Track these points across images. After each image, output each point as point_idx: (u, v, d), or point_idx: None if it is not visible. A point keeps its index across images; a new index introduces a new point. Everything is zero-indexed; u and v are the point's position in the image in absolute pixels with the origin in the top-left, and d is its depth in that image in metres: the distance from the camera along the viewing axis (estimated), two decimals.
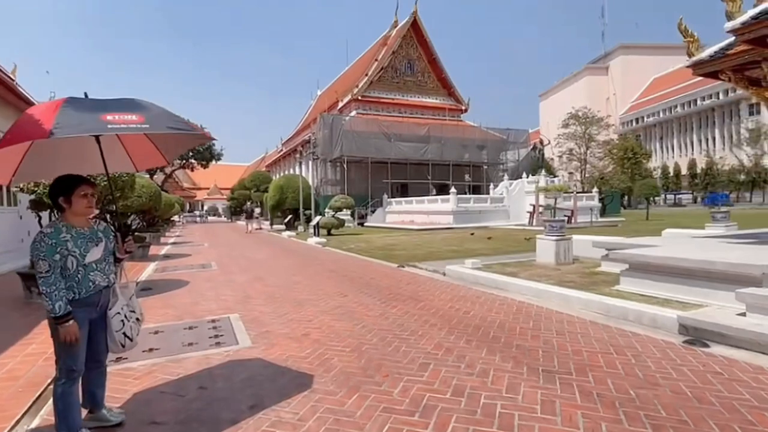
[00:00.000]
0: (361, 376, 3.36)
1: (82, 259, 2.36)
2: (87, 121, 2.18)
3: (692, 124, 75.01)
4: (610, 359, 3.61)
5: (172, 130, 2.43)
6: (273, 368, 3.59)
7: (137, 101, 2.50)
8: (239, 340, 4.39)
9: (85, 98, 2.41)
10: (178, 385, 3.30)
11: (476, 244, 14.25)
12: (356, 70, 46.45)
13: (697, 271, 4.94)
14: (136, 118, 2.28)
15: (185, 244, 18.11)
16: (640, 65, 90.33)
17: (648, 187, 30.83)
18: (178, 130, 2.45)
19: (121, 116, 2.24)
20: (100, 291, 2.45)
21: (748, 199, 58.16)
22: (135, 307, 2.67)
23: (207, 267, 10.50)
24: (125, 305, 2.57)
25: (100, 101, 2.40)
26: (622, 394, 2.94)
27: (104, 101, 2.40)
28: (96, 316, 2.47)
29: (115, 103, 2.38)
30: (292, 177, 31.47)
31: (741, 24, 5.32)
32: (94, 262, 2.42)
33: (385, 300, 6.17)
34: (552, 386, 3.08)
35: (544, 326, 4.64)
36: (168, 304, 6.28)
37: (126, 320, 2.54)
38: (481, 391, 3.03)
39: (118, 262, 2.65)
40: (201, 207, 75.46)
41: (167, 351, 4.10)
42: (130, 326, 2.56)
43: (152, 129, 2.36)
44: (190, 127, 2.59)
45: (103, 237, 2.52)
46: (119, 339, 2.51)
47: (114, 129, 2.24)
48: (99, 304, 2.47)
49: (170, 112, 2.53)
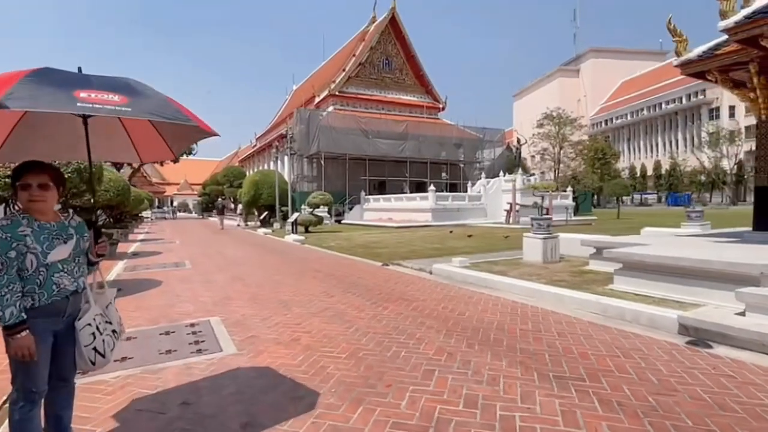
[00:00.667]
0: (363, 386, 3.10)
1: (43, 257, 1.97)
2: (52, 95, 1.81)
3: (657, 126, 77.80)
4: (619, 363, 3.48)
5: (159, 117, 2.05)
6: (264, 378, 3.27)
7: (130, 82, 2.13)
8: (223, 347, 4.03)
9: (65, 71, 2.03)
10: (157, 400, 2.94)
11: (457, 242, 14.17)
12: (333, 65, 45.80)
13: (694, 270, 4.91)
14: (118, 99, 1.91)
15: (155, 242, 17.29)
16: (609, 68, 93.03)
17: (619, 186, 31.73)
18: (168, 119, 2.07)
19: (99, 95, 1.87)
20: (66, 297, 2.07)
21: (708, 199, 60.87)
22: (112, 317, 2.28)
23: (181, 266, 9.96)
24: (99, 315, 2.19)
25: (83, 76, 2.03)
26: (642, 401, 2.78)
27: (88, 77, 2.02)
28: (62, 327, 2.08)
29: (102, 80, 2.01)
30: (268, 173, 30.68)
31: (734, 23, 5.32)
32: (60, 262, 2.04)
33: (375, 301, 5.91)
34: (568, 394, 2.90)
35: (543, 327, 4.49)
36: (140, 306, 5.82)
37: (98, 333, 2.15)
38: (495, 401, 2.82)
39: (92, 264, 2.28)
40: (171, 203, 72.97)
41: (142, 360, 3.72)
42: (103, 340, 2.17)
43: (134, 114, 1.98)
44: (185, 117, 2.13)
45: (75, 234, 2.13)
46: (88, 355, 2.11)
47: (84, 108, 1.86)
48: (65, 312, 2.08)
49: (167, 98, 2.17)
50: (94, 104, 1.85)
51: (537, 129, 46.16)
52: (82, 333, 2.09)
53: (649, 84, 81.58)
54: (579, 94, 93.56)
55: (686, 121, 72.70)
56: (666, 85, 76.41)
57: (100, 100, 1.87)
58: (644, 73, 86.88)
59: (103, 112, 1.92)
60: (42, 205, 2.04)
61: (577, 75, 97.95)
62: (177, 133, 2.66)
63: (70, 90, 1.83)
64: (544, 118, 45.87)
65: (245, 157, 60.35)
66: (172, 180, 77.50)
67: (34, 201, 2.01)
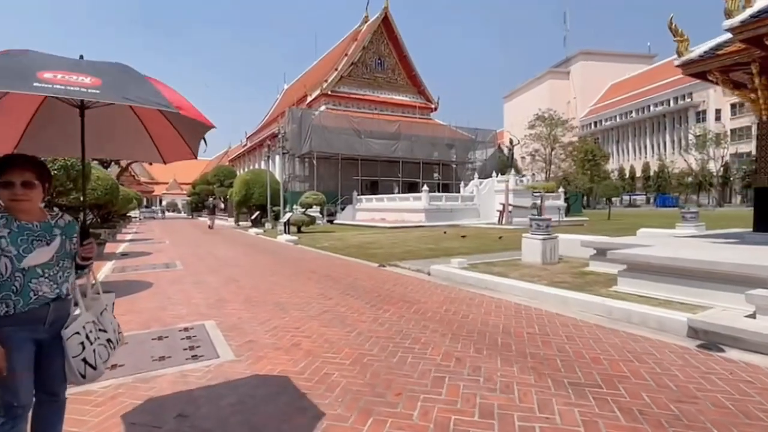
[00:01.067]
0: (370, 395, 2.94)
1: (18, 261, 1.78)
2: (10, 73, 1.62)
3: (646, 128, 78.81)
4: (634, 368, 3.37)
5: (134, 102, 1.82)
6: (265, 387, 3.10)
7: (122, 67, 1.95)
8: (220, 353, 3.84)
9: (50, 55, 1.84)
10: (151, 412, 2.75)
11: (452, 242, 14.07)
12: (325, 65, 45.52)
13: (700, 271, 4.84)
14: (90, 81, 1.70)
15: (144, 242, 16.91)
16: (599, 71, 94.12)
17: (610, 187, 31.99)
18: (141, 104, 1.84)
19: (66, 75, 1.66)
20: (47, 304, 1.88)
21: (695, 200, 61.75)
22: (107, 325, 2.10)
23: (171, 266, 9.69)
24: (90, 323, 2.00)
25: (58, 59, 1.84)
26: (664, 410, 2.67)
27: (79, 61, 1.84)
28: (46, 337, 1.89)
29: (90, 64, 1.83)
30: (259, 172, 30.34)
31: (740, 22, 5.27)
32: (40, 266, 1.85)
33: (375, 303, 5.75)
34: (586, 402, 2.78)
35: (550, 331, 4.37)
36: (131, 309, 5.59)
37: (89, 343, 1.95)
38: (512, 410, 2.68)
39: (81, 269, 2.08)
40: (159, 202, 71.96)
41: (134, 367, 3.51)
42: (94, 350, 1.97)
43: (101, 96, 1.73)
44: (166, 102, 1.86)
45: (60, 235, 1.94)
46: (77, 367, 1.91)
47: (40, 89, 1.61)
48: (47, 320, 1.89)
49: (153, 83, 1.95)
50: (55, 85, 1.64)
51: (529, 130, 46.40)
52: (69, 343, 1.90)
53: (638, 87, 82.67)
54: (569, 96, 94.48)
55: (674, 123, 73.75)
56: (654, 88, 77.51)
57: (65, 82, 1.66)
58: (633, 76, 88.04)
59: (62, 93, 1.69)
60: (26, 204, 1.85)
61: (567, 77, 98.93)
62: (189, 128, 2.45)
63: (35, 70, 1.64)
64: (536, 119, 46.11)
65: (236, 157, 59.73)
66: (160, 179, 76.50)
67: (17, 201, 1.83)
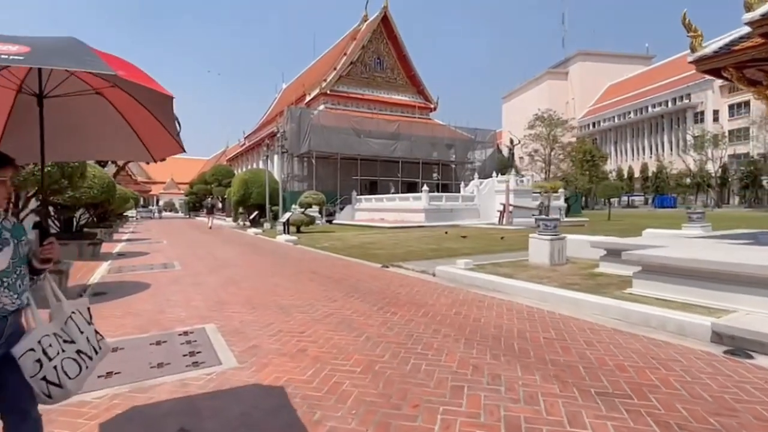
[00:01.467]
0: (386, 406, 2.74)
1: None
2: None
3: (644, 129, 78.79)
4: (662, 376, 3.18)
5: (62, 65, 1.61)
6: (272, 398, 2.89)
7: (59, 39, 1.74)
8: (222, 359, 3.63)
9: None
10: (150, 425, 2.55)
11: (454, 243, 13.88)
12: (324, 64, 45.26)
13: (722, 273, 4.65)
14: (16, 49, 1.50)
15: (142, 241, 16.66)
16: (597, 71, 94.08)
17: (611, 188, 31.89)
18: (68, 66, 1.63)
19: None
20: (5, 317, 1.67)
21: (693, 201, 61.81)
22: (74, 335, 1.83)
23: (170, 267, 9.46)
24: (49, 335, 1.74)
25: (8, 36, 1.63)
26: (704, 424, 2.48)
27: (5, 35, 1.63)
28: (2, 352, 1.67)
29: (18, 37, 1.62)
30: (258, 171, 30.05)
31: (761, 15, 5.09)
32: None
33: (381, 305, 5.55)
34: (619, 415, 2.58)
35: (568, 336, 4.19)
36: (127, 311, 5.37)
37: (46, 359, 1.69)
38: (540, 424, 2.48)
39: (36, 274, 1.83)
40: (156, 202, 71.51)
41: (131, 375, 3.30)
42: (55, 367, 1.71)
43: (26, 62, 1.51)
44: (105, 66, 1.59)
45: (12, 239, 1.71)
46: (39, 388, 1.67)
47: None
48: (4, 334, 1.68)
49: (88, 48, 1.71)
50: None
51: (528, 130, 46.27)
52: (22, 362, 1.64)
53: (636, 87, 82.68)
54: (567, 96, 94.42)
55: (672, 124, 73.74)
56: (652, 88, 77.52)
57: None
58: (631, 77, 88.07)
59: None
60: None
61: (566, 78, 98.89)
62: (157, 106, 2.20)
63: None
64: (536, 119, 46.00)
65: (234, 156, 59.37)
66: (157, 179, 76.01)
67: None
